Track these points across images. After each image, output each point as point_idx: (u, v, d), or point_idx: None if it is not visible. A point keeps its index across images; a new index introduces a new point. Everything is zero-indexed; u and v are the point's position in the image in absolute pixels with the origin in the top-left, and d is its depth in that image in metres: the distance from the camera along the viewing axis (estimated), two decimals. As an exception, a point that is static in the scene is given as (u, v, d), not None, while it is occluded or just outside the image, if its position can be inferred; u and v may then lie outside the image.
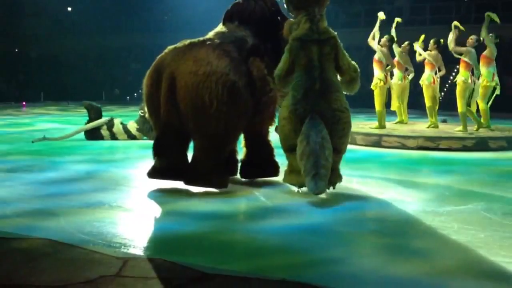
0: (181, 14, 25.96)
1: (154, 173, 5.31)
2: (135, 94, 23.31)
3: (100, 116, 9.54)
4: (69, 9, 27.38)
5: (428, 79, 9.46)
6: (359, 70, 5.16)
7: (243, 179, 5.62)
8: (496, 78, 8.97)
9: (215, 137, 5.01)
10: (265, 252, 3.46)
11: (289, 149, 4.99)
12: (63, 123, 12.49)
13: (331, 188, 4.97)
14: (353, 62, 5.17)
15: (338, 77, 5.15)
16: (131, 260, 3.23)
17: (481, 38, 8.96)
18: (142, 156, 7.48)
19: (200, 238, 3.74)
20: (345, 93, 5.13)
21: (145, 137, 9.31)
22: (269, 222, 4.14)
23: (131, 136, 9.33)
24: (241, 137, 5.61)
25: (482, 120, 9.19)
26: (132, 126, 9.45)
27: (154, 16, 26.61)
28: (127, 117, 10.81)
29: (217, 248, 3.55)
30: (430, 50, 9.61)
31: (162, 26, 26.15)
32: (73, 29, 26.17)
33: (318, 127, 4.76)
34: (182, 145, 5.24)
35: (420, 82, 9.72)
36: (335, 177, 4.96)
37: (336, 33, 5.17)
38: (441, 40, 9.59)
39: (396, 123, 10.20)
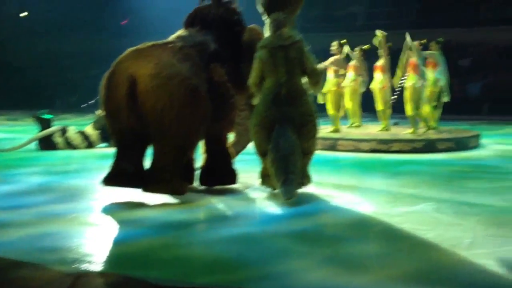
0: (141, 17, 25.66)
1: (110, 180, 5.12)
2: (93, 101, 22.90)
3: (47, 126, 9.31)
4: (25, 13, 26.65)
5: (381, 83, 9.74)
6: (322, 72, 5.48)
7: (200, 187, 5.64)
8: (441, 83, 9.37)
9: (176, 142, 4.98)
10: (222, 264, 3.44)
11: (263, 154, 5.18)
12: (15, 133, 12.18)
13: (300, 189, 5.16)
14: (317, 65, 5.39)
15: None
16: (82, 277, 3.16)
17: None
18: (99, 166, 7.37)
19: (156, 250, 3.71)
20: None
21: (103, 144, 9.16)
22: (226, 230, 4.15)
23: (88, 143, 9.17)
24: (200, 144, 5.61)
25: (431, 123, 9.61)
26: (90, 131, 9.29)
27: (113, 20, 26.22)
28: (84, 126, 10.63)
29: (173, 260, 3.51)
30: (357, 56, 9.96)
31: (122, 30, 25.79)
32: (28, 32, 25.48)
33: (286, 134, 4.97)
34: (141, 150, 5.13)
35: (371, 86, 9.99)
36: (303, 179, 5.18)
37: (301, 36, 5.30)
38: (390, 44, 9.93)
39: (349, 126, 10.41)
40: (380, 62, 9.92)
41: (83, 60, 25.19)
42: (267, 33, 5.35)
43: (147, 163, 5.16)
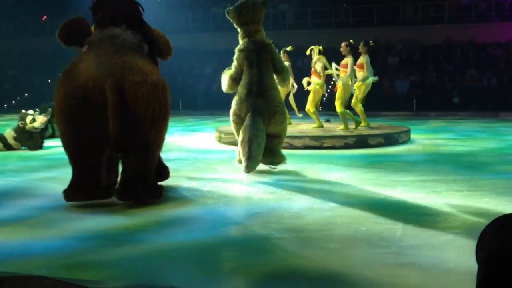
0: (60, 17, 24.80)
1: (77, 193, 4.78)
2: (13, 102, 21.91)
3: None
4: None
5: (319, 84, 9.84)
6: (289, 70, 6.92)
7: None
8: (357, 82, 9.67)
9: (159, 147, 4.93)
10: (153, 264, 3.37)
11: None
12: None
13: (275, 167, 6.38)
14: (285, 64, 6.81)
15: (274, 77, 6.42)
16: (7, 280, 2.98)
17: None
18: (22, 167, 7.07)
19: (83, 253, 3.55)
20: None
21: (23, 147, 8.79)
22: (162, 234, 4.05)
23: (8, 146, 8.73)
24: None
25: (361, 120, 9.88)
26: (9, 134, 8.85)
27: (32, 19, 25.20)
28: (5, 127, 10.11)
29: (105, 263, 3.37)
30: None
31: (41, 30, 24.82)
32: None
33: (255, 121, 6.03)
34: (115, 160, 4.80)
35: (310, 87, 10.02)
36: (276, 158, 6.34)
37: (271, 41, 6.48)
38: (320, 48, 10.03)
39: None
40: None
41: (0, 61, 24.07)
42: (241, 39, 6.45)
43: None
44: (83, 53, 4.96)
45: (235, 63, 6.39)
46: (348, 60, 9.53)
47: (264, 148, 6.08)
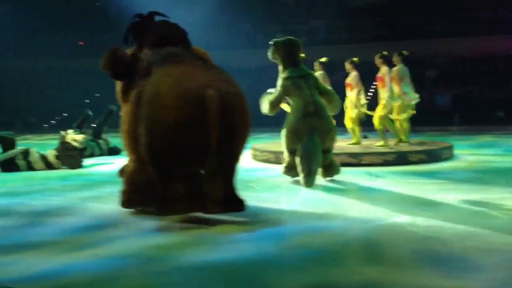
0: (97, 38, 25.41)
1: (173, 206, 4.74)
2: (53, 122, 22.44)
3: (13, 147, 9.04)
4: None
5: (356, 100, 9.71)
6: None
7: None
8: (409, 96, 9.49)
9: (239, 159, 4.96)
10: (191, 284, 3.32)
11: (291, 152, 6.78)
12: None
13: (329, 178, 6.97)
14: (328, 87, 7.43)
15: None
16: None
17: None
18: (62, 186, 7.17)
19: (122, 273, 3.54)
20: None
21: (64, 166, 8.93)
22: (198, 253, 4.00)
23: (49, 165, 8.89)
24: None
25: (401, 136, 9.65)
26: (51, 154, 9.03)
27: (68, 40, 25.88)
28: (45, 146, 10.33)
29: (143, 283, 3.36)
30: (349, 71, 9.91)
31: (77, 50, 25.47)
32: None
33: (313, 139, 6.51)
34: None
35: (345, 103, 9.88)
36: (332, 170, 6.95)
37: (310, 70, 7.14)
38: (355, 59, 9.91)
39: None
40: (349, 79, 9.91)
41: (38, 81, 24.74)
42: (284, 69, 7.02)
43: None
44: (160, 71, 4.89)
45: (279, 89, 6.91)
46: (383, 71, 9.37)
47: (321, 163, 6.72)
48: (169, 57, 5.11)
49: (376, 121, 9.36)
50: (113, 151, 11.19)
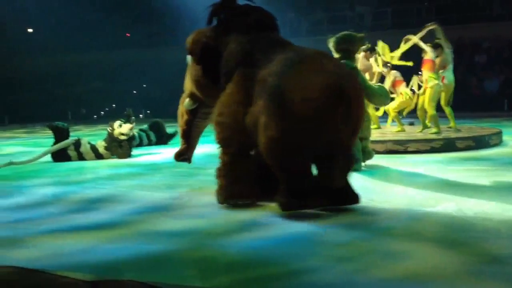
0: (143, 30, 25.87)
1: (304, 201, 4.55)
2: (102, 113, 23.04)
3: (67, 137, 9.36)
4: (30, 30, 27.01)
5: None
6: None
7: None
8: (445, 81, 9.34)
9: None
10: (241, 266, 3.42)
11: None
12: (29, 146, 12.24)
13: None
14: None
15: None
16: (101, 284, 3.14)
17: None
18: (112, 175, 7.41)
19: (172, 256, 3.67)
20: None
21: (113, 156, 9.20)
22: (243, 236, 4.10)
23: (99, 156, 9.18)
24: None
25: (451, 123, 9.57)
26: (100, 144, 9.31)
27: (114, 33, 26.44)
28: (95, 137, 10.65)
29: (191, 265, 3.49)
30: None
31: (123, 43, 26.01)
32: (33, 49, 25.77)
33: None
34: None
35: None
36: (368, 155, 7.10)
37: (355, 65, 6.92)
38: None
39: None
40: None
41: (86, 73, 25.41)
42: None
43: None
44: (277, 61, 4.60)
45: None
46: (428, 58, 9.24)
47: None
48: (274, 45, 4.92)
49: (427, 108, 9.20)
50: (169, 137, 11.51)
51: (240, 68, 4.94)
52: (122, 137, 9.18)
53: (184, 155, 6.15)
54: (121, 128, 9.19)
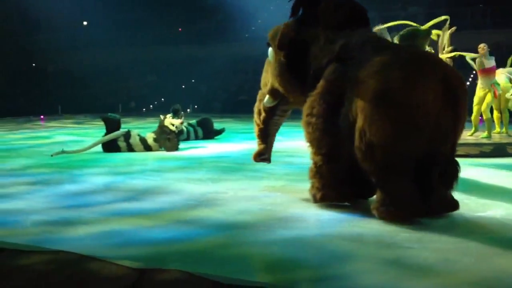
0: (195, 26, 26.20)
1: (416, 208, 4.28)
2: (151, 106, 23.46)
3: (118, 128, 9.61)
4: (85, 23, 27.78)
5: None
6: None
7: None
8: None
9: None
10: (280, 264, 3.45)
11: None
12: (80, 135, 12.62)
13: None
14: None
15: None
16: (147, 272, 3.24)
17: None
18: (159, 167, 7.58)
19: (216, 248, 3.74)
20: None
21: (162, 148, 9.39)
22: (282, 232, 4.14)
23: (147, 147, 9.39)
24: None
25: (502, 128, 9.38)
26: (149, 136, 9.52)
27: (169, 29, 26.88)
28: (144, 129, 10.89)
29: (233, 259, 3.53)
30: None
31: (176, 39, 26.38)
32: (88, 42, 26.52)
33: None
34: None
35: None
36: None
37: None
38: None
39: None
40: None
41: (139, 68, 25.92)
42: None
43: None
44: (377, 62, 4.33)
45: None
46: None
47: None
48: (369, 43, 4.65)
49: (484, 111, 9.09)
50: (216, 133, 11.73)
51: (331, 66, 4.68)
52: (172, 128, 9.37)
53: (263, 155, 5.92)
54: (173, 120, 9.45)
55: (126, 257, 3.49)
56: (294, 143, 9.24)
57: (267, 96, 5.60)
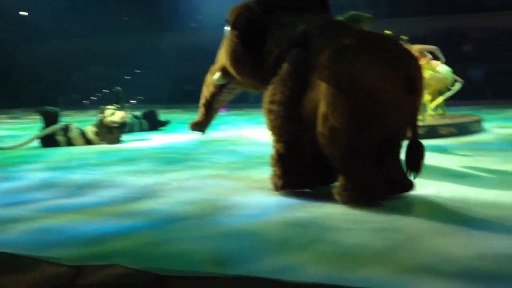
0: (139, 15, 25.73)
1: (378, 191, 4.35)
2: (94, 98, 22.97)
3: (56, 122, 9.39)
4: (25, 13, 26.76)
5: None
6: None
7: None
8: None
9: None
10: (224, 254, 3.48)
11: None
12: (17, 130, 12.24)
13: None
14: None
15: None
16: (85, 268, 3.18)
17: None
18: (100, 160, 7.47)
19: (158, 241, 3.73)
20: None
21: (103, 142, 9.25)
22: (225, 220, 4.17)
23: (88, 141, 9.22)
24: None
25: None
26: (90, 130, 9.35)
27: (111, 18, 26.29)
28: (86, 123, 10.68)
29: (176, 251, 3.52)
30: None
31: (120, 29, 25.87)
32: (28, 34, 25.60)
33: None
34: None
35: None
36: None
37: None
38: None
39: None
40: None
41: (82, 59, 25.30)
42: None
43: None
44: (342, 47, 4.30)
45: None
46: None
47: None
48: (333, 28, 4.67)
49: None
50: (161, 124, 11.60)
51: (293, 51, 4.62)
52: (114, 125, 9.23)
53: (200, 126, 5.89)
54: (113, 116, 9.25)
55: (63, 254, 3.43)
56: (238, 132, 9.32)
57: (218, 73, 5.52)
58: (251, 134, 9.75)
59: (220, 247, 3.57)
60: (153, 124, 11.70)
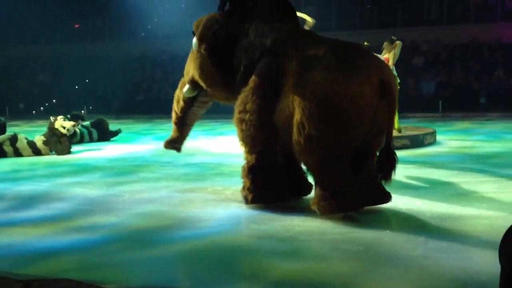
0: (93, 22, 25.26)
1: (360, 199, 4.27)
2: (42, 108, 22.31)
3: (3, 132, 9.05)
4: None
5: None
6: None
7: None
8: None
9: None
10: (177, 267, 3.42)
11: None
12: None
13: None
14: None
15: None
16: (32, 282, 3.07)
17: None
18: (50, 172, 7.22)
19: (109, 255, 3.63)
20: None
21: (52, 152, 8.96)
22: (179, 233, 4.10)
23: (37, 151, 8.91)
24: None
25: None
26: (38, 139, 9.04)
27: (62, 25, 25.66)
28: (35, 133, 10.33)
29: (126, 265, 3.44)
30: None
31: (70, 36, 25.30)
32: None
33: None
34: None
35: None
36: None
37: None
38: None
39: None
40: None
41: (30, 66, 24.59)
42: None
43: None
44: (308, 55, 4.34)
45: None
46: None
47: None
48: (302, 36, 4.69)
49: None
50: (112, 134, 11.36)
51: (264, 60, 4.58)
52: (63, 131, 8.94)
53: (175, 143, 5.81)
54: (64, 122, 9.00)
55: (11, 270, 3.28)
56: (195, 143, 9.19)
57: (187, 86, 5.45)
58: (206, 145, 9.66)
59: (170, 259, 3.50)
60: (104, 134, 11.37)
